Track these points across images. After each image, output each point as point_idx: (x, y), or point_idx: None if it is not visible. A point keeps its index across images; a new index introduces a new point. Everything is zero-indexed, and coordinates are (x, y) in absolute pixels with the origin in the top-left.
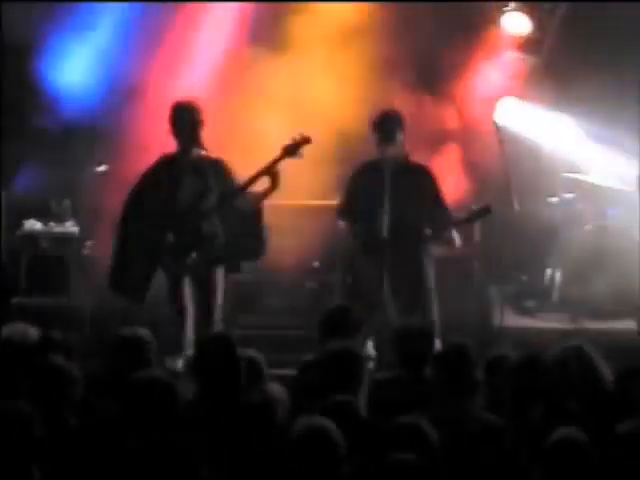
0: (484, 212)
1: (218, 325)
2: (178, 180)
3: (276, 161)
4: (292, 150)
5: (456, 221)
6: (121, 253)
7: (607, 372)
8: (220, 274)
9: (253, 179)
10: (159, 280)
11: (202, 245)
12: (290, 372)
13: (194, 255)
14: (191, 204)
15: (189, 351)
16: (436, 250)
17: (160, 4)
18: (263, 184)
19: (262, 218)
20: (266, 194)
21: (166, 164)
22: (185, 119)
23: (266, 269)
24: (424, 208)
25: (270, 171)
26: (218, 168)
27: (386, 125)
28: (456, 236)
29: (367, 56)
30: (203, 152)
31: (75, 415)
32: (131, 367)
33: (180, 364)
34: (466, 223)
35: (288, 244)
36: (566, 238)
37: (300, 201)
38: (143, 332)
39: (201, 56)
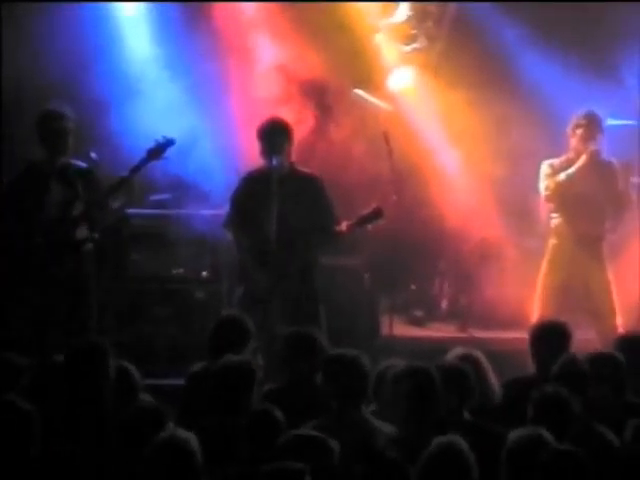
0: (375, 215)
1: (93, 332)
2: (44, 187)
3: (141, 165)
4: (156, 153)
5: (348, 227)
6: None
7: (495, 381)
8: (93, 280)
9: (118, 186)
10: None
11: (74, 252)
12: (178, 382)
13: (66, 262)
14: (59, 211)
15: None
16: (326, 259)
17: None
18: None
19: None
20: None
21: (31, 171)
22: (49, 127)
23: (155, 278)
24: (312, 216)
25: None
26: (86, 176)
27: (273, 135)
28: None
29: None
30: (71, 160)
31: None
32: None
33: None
34: (357, 227)
35: (179, 253)
36: (455, 246)
37: (188, 210)
38: None
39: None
